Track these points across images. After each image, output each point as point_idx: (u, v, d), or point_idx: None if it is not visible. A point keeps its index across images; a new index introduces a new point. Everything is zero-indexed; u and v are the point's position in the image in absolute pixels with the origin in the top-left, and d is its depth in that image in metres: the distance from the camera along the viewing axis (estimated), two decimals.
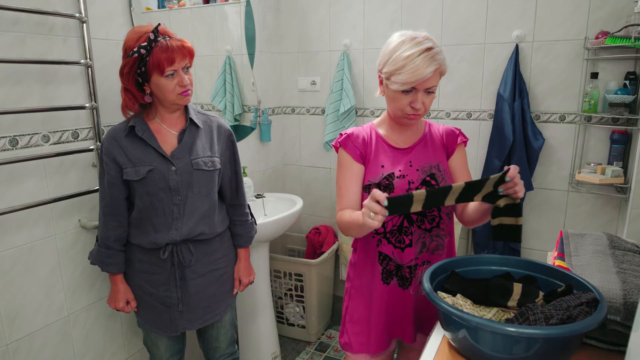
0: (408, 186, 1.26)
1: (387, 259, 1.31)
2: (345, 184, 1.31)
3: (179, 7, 2.08)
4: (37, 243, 1.51)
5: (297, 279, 2.53)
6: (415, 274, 1.31)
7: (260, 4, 2.50)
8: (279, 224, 2.11)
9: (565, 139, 2.15)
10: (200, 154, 1.46)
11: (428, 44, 1.18)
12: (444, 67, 1.23)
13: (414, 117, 1.25)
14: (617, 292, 0.93)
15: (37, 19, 1.43)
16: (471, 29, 2.24)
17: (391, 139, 1.33)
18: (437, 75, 1.21)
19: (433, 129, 1.37)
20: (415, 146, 1.32)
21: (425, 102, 1.23)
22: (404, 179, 1.27)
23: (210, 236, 1.52)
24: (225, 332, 1.68)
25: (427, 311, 1.34)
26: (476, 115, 2.31)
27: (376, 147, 1.32)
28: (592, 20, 1.99)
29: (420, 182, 1.27)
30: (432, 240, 1.31)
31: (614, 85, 1.96)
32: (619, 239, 1.21)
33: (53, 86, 1.50)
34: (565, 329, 0.80)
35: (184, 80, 1.36)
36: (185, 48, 1.36)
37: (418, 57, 1.16)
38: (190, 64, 1.40)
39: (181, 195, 1.43)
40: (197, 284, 1.52)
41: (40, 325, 1.55)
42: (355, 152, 1.30)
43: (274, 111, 2.74)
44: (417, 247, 1.30)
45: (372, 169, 1.29)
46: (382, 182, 1.27)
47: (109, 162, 1.41)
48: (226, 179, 1.57)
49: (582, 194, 2.16)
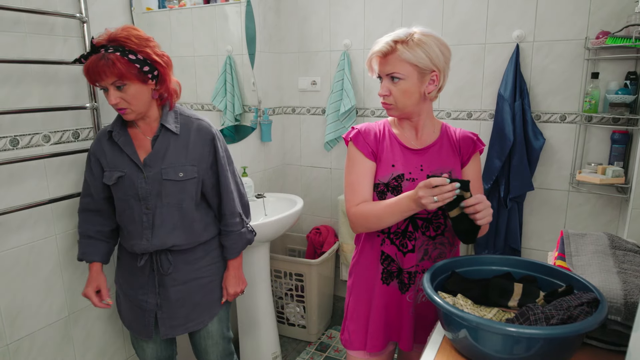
0: None
1: (389, 260, 1.30)
2: (358, 180, 1.28)
3: (179, 7, 2.08)
4: (38, 243, 1.51)
5: (297, 279, 2.53)
6: (414, 281, 1.30)
7: (260, 4, 2.50)
8: (279, 224, 2.11)
9: (565, 139, 2.14)
10: (172, 162, 1.38)
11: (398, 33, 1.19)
12: (406, 56, 1.17)
13: (385, 107, 1.26)
14: (618, 292, 0.93)
15: (38, 19, 1.43)
16: (472, 28, 2.24)
17: (404, 138, 1.30)
18: (398, 61, 1.18)
19: (449, 132, 1.33)
20: (429, 149, 1.29)
21: (392, 91, 1.21)
22: (414, 183, 1.23)
23: (190, 246, 1.46)
24: (214, 344, 1.61)
25: (425, 321, 1.32)
26: (477, 115, 2.31)
27: (389, 145, 1.29)
28: (592, 20, 1.99)
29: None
30: (435, 248, 1.29)
31: (614, 85, 1.96)
32: (620, 239, 1.21)
33: (54, 86, 1.50)
34: (565, 329, 0.80)
35: (109, 99, 1.28)
36: (115, 67, 1.23)
37: (380, 39, 1.21)
38: (123, 82, 1.26)
39: (150, 204, 1.38)
40: (177, 290, 1.47)
41: (40, 325, 1.55)
42: (367, 148, 1.28)
43: (275, 111, 2.74)
44: (419, 254, 1.28)
45: (383, 168, 1.27)
46: (390, 183, 1.25)
47: (94, 161, 1.42)
48: (208, 187, 1.47)
49: (582, 194, 2.16)
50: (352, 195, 1.28)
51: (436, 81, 1.22)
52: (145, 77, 1.30)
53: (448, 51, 1.22)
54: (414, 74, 1.19)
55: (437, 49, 1.19)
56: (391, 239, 1.29)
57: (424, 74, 1.20)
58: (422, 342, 1.31)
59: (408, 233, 1.27)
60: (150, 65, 1.30)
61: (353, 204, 1.27)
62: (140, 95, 1.31)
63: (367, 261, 1.36)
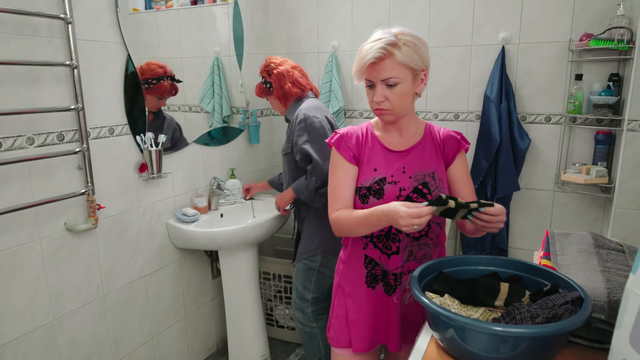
0: (399, 193, 1.23)
1: (372, 263, 1.30)
2: (339, 185, 1.28)
3: (166, 8, 2.07)
4: (22, 247, 1.49)
5: (286, 280, 2.53)
6: (400, 282, 1.29)
7: (248, 5, 2.50)
8: (268, 225, 2.10)
9: (551, 139, 2.17)
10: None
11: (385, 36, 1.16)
12: (402, 58, 1.15)
13: (379, 113, 1.23)
14: (602, 291, 0.95)
15: (21, 20, 1.41)
16: (458, 31, 2.26)
17: (387, 140, 1.28)
18: (394, 65, 1.16)
19: (433, 132, 1.31)
20: (411, 150, 1.27)
21: (388, 96, 1.18)
22: (396, 185, 1.23)
23: None
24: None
25: (413, 321, 1.32)
26: (463, 116, 2.33)
27: (371, 148, 1.28)
28: (576, 23, 2.03)
29: (411, 189, 1.22)
30: (420, 249, 1.29)
31: (597, 87, 1.99)
32: (604, 238, 1.23)
33: (38, 88, 1.48)
34: (550, 328, 0.81)
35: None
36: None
37: (367, 44, 1.17)
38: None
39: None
40: None
41: (25, 330, 1.52)
42: (348, 153, 1.27)
43: (263, 113, 2.73)
44: (404, 255, 1.28)
45: (365, 172, 1.26)
46: (373, 187, 1.25)
47: None
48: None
49: (567, 194, 2.19)
50: (333, 200, 1.28)
51: (425, 79, 1.22)
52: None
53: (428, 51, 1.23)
54: (409, 76, 1.18)
55: (423, 48, 1.19)
56: (374, 243, 1.29)
57: (416, 74, 1.19)
58: (410, 342, 1.32)
59: (392, 235, 1.27)
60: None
61: (333, 209, 1.28)
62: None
63: (352, 263, 1.35)
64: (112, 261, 1.81)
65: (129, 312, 1.92)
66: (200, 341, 2.38)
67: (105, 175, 1.74)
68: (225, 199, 2.33)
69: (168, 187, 2.05)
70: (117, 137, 1.78)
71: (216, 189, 2.23)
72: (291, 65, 2.04)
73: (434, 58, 2.32)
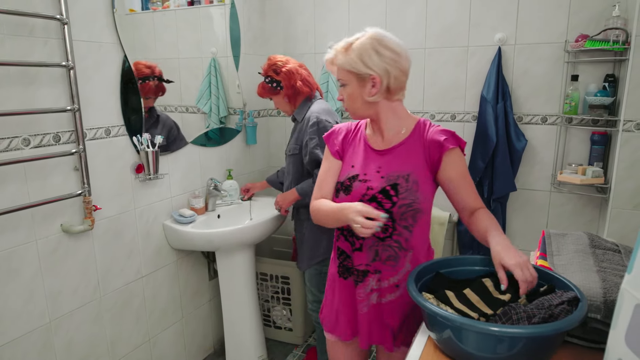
0: (365, 191, 1.23)
1: (344, 255, 1.33)
2: (324, 176, 1.35)
3: (163, 9, 2.07)
4: (18, 248, 1.48)
5: (283, 281, 2.52)
6: (362, 279, 1.29)
7: (245, 6, 2.49)
8: (265, 226, 2.10)
9: (547, 140, 2.18)
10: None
11: (347, 40, 1.23)
12: (341, 62, 1.21)
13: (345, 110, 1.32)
14: (598, 291, 0.95)
15: (17, 20, 1.41)
16: (455, 31, 2.26)
17: (372, 138, 1.30)
18: (338, 68, 1.24)
19: (424, 131, 1.25)
20: (391, 150, 1.26)
21: (343, 94, 1.27)
22: (364, 184, 1.24)
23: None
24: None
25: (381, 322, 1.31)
26: (460, 117, 2.34)
27: (356, 145, 1.31)
28: (572, 23, 2.03)
29: (379, 189, 1.22)
30: (385, 250, 1.26)
31: (593, 88, 2.00)
32: (599, 239, 1.23)
33: (34, 88, 1.48)
34: (547, 328, 0.82)
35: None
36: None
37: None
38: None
39: None
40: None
41: (21, 332, 1.52)
42: (334, 148, 1.34)
43: (260, 113, 2.73)
44: (369, 254, 1.27)
45: (345, 168, 1.31)
46: (344, 182, 1.28)
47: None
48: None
49: (564, 194, 2.19)
50: (316, 190, 1.36)
51: (377, 85, 1.19)
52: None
53: (394, 53, 1.18)
54: (353, 80, 1.21)
55: (374, 54, 1.17)
56: (345, 236, 1.32)
57: (362, 79, 1.20)
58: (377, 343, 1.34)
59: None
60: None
61: (314, 198, 1.35)
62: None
63: (332, 254, 1.41)
64: (108, 262, 1.81)
65: (126, 314, 1.92)
66: (197, 342, 2.37)
67: (101, 177, 1.73)
68: (222, 200, 2.33)
69: (165, 188, 2.05)
70: (114, 138, 1.77)
71: (213, 190, 2.23)
72: (297, 63, 2.02)
73: (430, 59, 2.33)
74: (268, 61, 2.04)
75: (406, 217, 1.21)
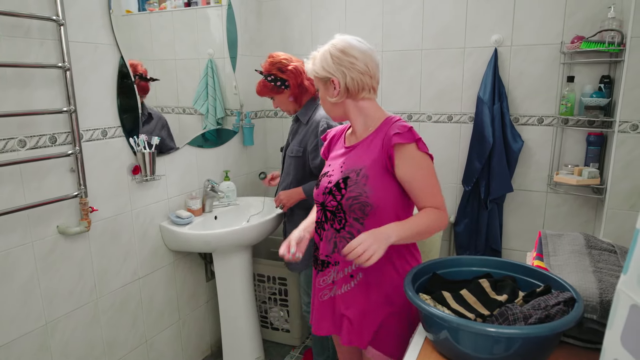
0: (327, 185, 1.31)
1: (315, 246, 1.39)
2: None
3: (159, 10, 2.06)
4: (14, 250, 1.47)
5: (280, 282, 2.52)
6: (325, 271, 1.34)
7: (242, 7, 2.50)
8: (261, 228, 2.10)
9: (543, 141, 2.19)
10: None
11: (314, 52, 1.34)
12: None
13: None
14: (594, 291, 0.95)
15: (13, 21, 1.40)
16: (451, 33, 2.27)
17: (349, 137, 1.38)
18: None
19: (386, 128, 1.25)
20: (355, 147, 1.31)
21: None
22: (328, 178, 1.33)
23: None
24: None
25: (340, 313, 1.33)
26: (457, 118, 2.34)
27: (337, 144, 1.41)
28: (568, 25, 2.04)
29: (334, 183, 1.28)
30: (341, 241, 1.29)
31: (589, 89, 2.01)
32: (595, 239, 1.24)
33: (30, 90, 1.47)
34: (543, 328, 0.82)
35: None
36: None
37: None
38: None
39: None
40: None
41: (17, 334, 1.51)
42: (323, 148, 1.48)
43: (257, 115, 2.73)
44: (329, 246, 1.32)
45: (325, 165, 1.41)
46: (318, 178, 1.38)
47: None
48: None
49: (560, 195, 2.20)
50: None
51: (336, 87, 1.26)
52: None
53: (350, 57, 1.24)
54: (320, 84, 1.32)
55: (329, 58, 1.27)
56: (315, 228, 1.38)
57: (325, 82, 1.29)
58: (336, 333, 1.36)
59: (322, 223, 1.34)
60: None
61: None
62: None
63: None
64: (105, 264, 1.80)
65: (122, 315, 1.91)
66: (194, 344, 2.37)
67: (98, 178, 1.73)
68: (219, 201, 2.33)
69: (161, 190, 2.04)
70: (110, 139, 1.77)
71: (210, 191, 2.22)
72: (299, 61, 1.97)
73: (427, 60, 2.33)
74: (270, 59, 1.98)
75: (354, 210, 1.24)
